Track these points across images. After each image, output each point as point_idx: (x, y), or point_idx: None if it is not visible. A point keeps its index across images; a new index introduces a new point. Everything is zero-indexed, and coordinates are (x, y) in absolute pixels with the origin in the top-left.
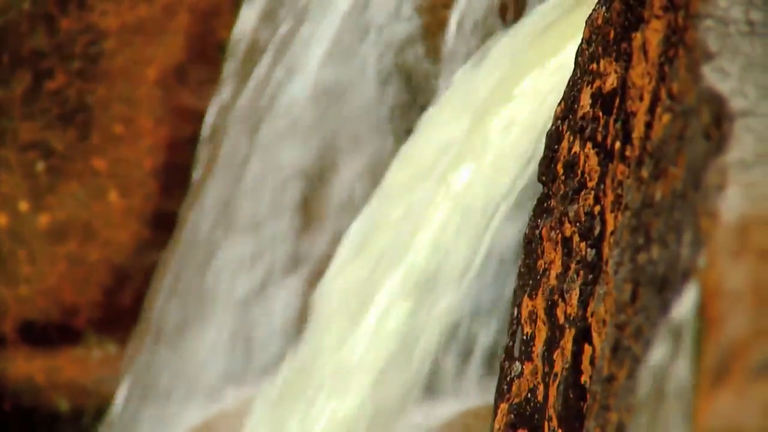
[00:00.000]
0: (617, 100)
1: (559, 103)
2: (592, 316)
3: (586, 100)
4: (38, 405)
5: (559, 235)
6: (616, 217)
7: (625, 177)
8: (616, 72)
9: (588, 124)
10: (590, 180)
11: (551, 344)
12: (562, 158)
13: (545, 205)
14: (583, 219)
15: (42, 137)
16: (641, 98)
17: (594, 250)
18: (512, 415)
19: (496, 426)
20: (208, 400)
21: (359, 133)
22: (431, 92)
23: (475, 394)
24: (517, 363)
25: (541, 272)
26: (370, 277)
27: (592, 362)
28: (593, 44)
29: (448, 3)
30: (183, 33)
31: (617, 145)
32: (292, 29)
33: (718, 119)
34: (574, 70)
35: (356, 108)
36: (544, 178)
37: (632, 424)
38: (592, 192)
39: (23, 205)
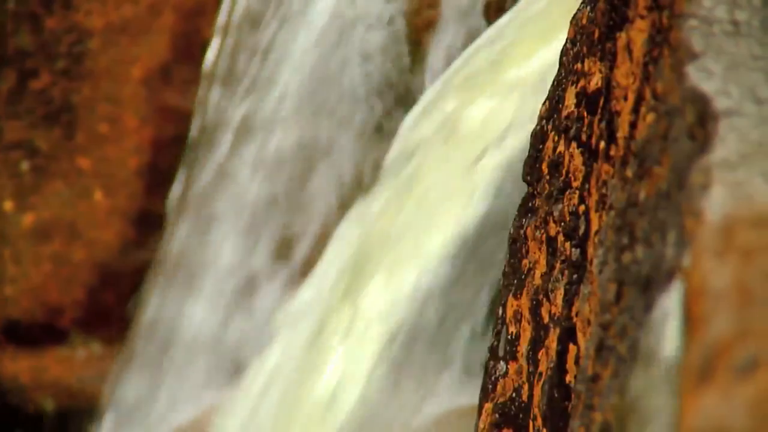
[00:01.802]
0: (602, 100)
1: (544, 103)
2: (576, 315)
3: (570, 99)
4: (24, 404)
5: (544, 235)
6: (600, 216)
7: (609, 177)
8: (600, 72)
9: (573, 124)
10: (575, 179)
11: (536, 344)
12: (546, 158)
13: (530, 204)
14: (567, 218)
15: (27, 137)
16: (626, 98)
17: (578, 250)
18: (497, 415)
19: (481, 426)
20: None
21: (343, 133)
22: (416, 91)
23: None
24: (502, 362)
25: (525, 272)
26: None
27: (576, 362)
28: (578, 44)
29: (433, 3)
30: (168, 32)
31: (602, 144)
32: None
33: (703, 119)
34: (559, 69)
35: (339, 112)
36: (528, 178)
37: (618, 424)
38: (577, 191)
39: (8, 205)
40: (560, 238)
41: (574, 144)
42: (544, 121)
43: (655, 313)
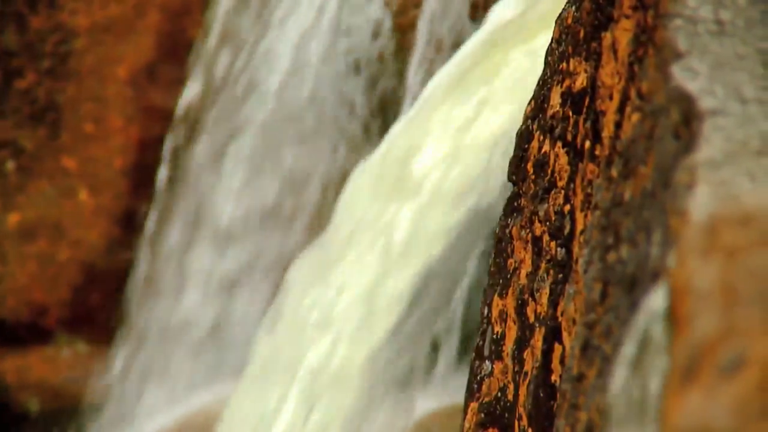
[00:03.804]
0: (587, 100)
1: (529, 103)
2: (562, 315)
3: (556, 99)
4: (8, 404)
5: (529, 234)
6: (585, 216)
7: (594, 176)
8: (585, 71)
9: (558, 124)
10: (560, 179)
11: (521, 343)
12: (532, 157)
13: (515, 204)
14: (553, 218)
15: (12, 136)
16: (611, 97)
17: (564, 249)
18: (482, 414)
19: (466, 425)
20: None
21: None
22: (400, 93)
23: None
24: (487, 362)
25: (511, 271)
26: None
27: (562, 361)
28: (563, 43)
29: (418, 2)
30: (153, 32)
31: (587, 144)
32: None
33: (688, 118)
34: (544, 69)
35: (323, 112)
36: (514, 177)
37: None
38: (562, 191)
39: None
40: (546, 237)
41: (559, 143)
42: (530, 121)
43: (640, 312)
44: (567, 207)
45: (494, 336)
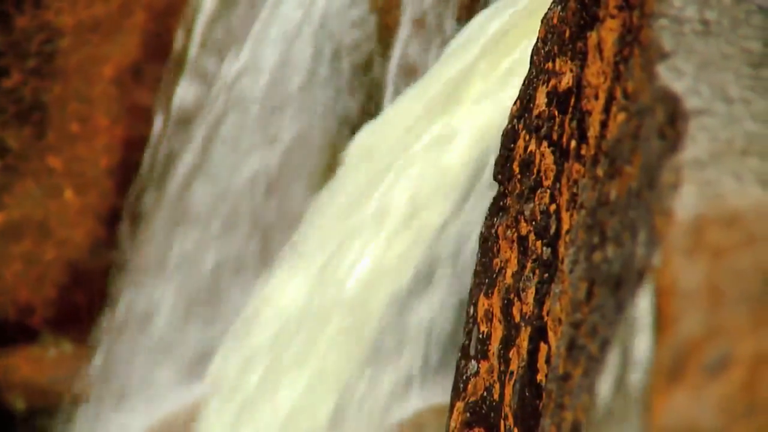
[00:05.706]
0: (573, 99)
1: (515, 102)
2: (548, 314)
3: (541, 99)
4: None
5: (515, 234)
6: (571, 215)
7: (580, 176)
8: (571, 71)
9: (544, 123)
10: (546, 179)
11: (507, 343)
12: (518, 157)
13: (501, 203)
14: (538, 218)
15: None
16: (596, 97)
17: (550, 249)
18: (468, 414)
19: (452, 425)
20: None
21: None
22: (382, 90)
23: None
24: (473, 361)
25: (497, 271)
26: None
27: (547, 361)
28: (549, 43)
29: (398, 3)
30: (139, 31)
31: (573, 144)
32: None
33: (673, 118)
34: (530, 68)
35: (308, 108)
36: (500, 177)
37: (589, 423)
38: (548, 191)
39: None
40: (531, 237)
41: (545, 143)
42: (516, 120)
43: (625, 312)
44: (553, 206)
45: (480, 335)
